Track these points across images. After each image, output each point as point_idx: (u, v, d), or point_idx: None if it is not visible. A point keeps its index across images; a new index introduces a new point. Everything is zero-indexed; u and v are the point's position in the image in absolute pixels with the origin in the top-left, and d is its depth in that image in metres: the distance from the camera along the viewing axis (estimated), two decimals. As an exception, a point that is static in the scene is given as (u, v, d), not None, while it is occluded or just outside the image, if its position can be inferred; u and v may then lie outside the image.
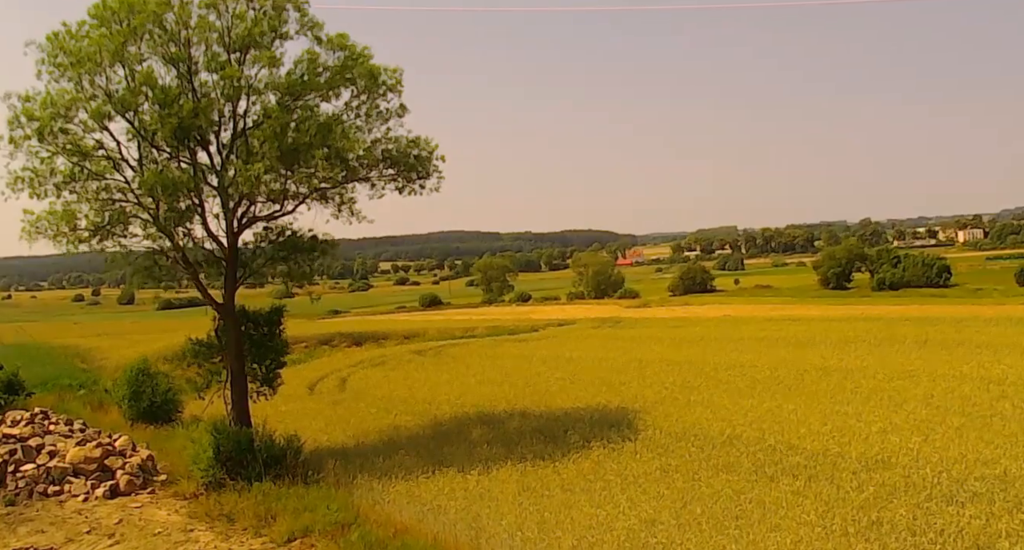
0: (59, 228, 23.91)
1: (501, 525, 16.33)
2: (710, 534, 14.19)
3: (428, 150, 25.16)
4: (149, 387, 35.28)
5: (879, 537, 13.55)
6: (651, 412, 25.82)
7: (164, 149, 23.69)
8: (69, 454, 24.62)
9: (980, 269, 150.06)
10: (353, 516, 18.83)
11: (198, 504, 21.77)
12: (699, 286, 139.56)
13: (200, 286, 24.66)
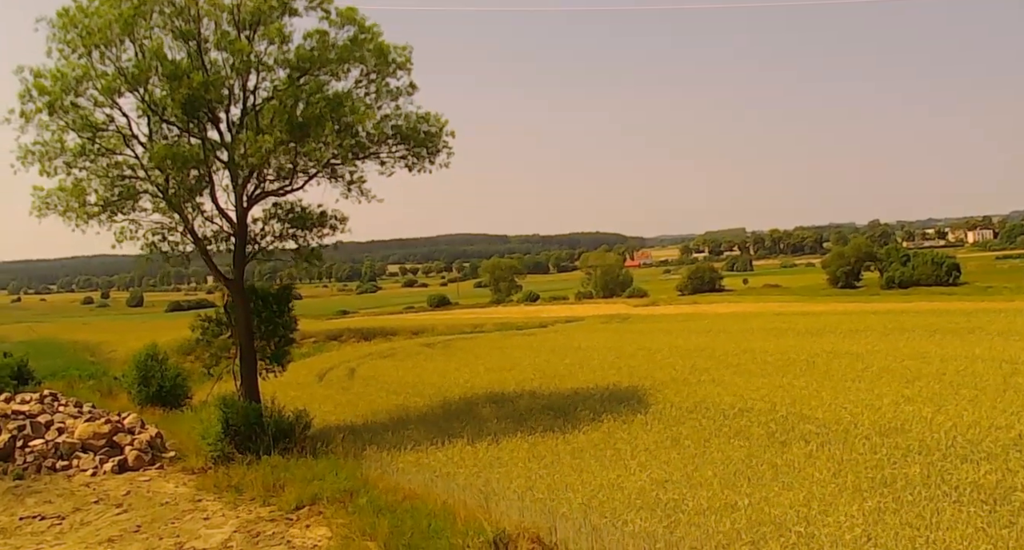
0: (68, 204, 23.90)
1: (511, 488, 16.25)
2: (720, 491, 14.09)
3: (438, 126, 25.12)
4: (158, 372, 35.31)
5: (893, 492, 13.41)
6: (661, 390, 25.70)
7: (174, 124, 23.67)
8: (78, 430, 24.61)
9: (990, 268, 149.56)
10: (361, 484, 18.77)
11: (206, 477, 21.74)
12: (708, 286, 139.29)
13: (209, 261, 24.62)
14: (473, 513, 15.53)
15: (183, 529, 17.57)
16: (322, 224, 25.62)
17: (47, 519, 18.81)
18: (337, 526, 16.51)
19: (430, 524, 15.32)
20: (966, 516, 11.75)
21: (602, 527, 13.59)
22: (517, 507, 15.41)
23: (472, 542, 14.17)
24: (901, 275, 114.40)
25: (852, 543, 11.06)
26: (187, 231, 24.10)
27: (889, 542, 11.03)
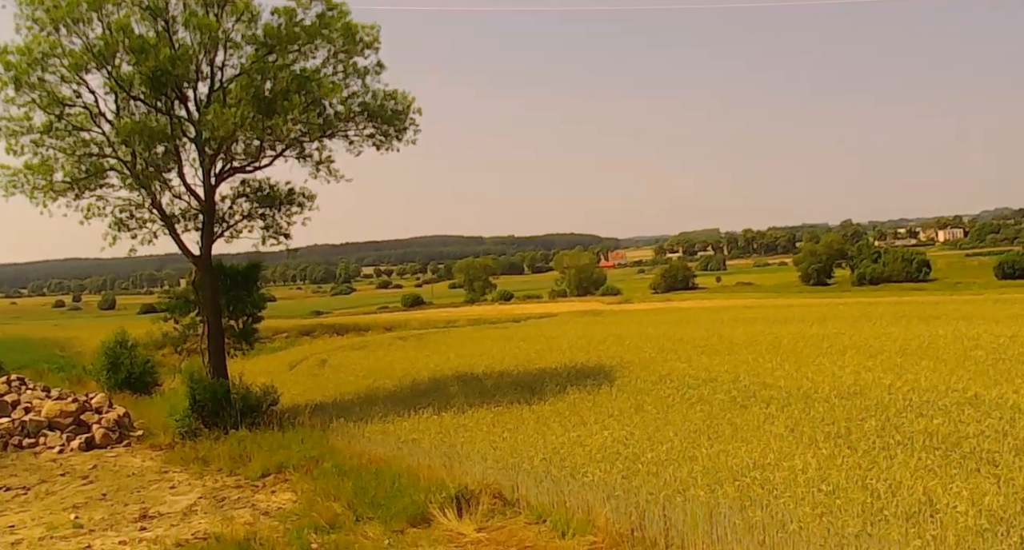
0: (35, 182, 23.81)
1: (474, 450, 16.37)
2: (680, 446, 14.27)
3: (405, 104, 25.23)
4: (127, 358, 35.14)
5: (848, 442, 13.66)
6: (628, 367, 25.90)
7: (141, 100, 23.64)
8: (45, 409, 24.58)
9: (960, 264, 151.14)
10: (327, 451, 18.90)
11: (173, 452, 21.81)
12: (681, 284, 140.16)
13: (177, 238, 24.59)
14: (437, 473, 15.71)
15: (148, 496, 17.60)
16: (290, 202, 25.65)
17: (12, 490, 18.78)
18: (302, 491, 16.59)
19: (394, 484, 15.45)
20: (916, 460, 12.00)
21: (562, 479, 13.75)
22: (480, 467, 15.58)
23: (434, 498, 14.32)
24: (872, 272, 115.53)
25: (805, 484, 11.26)
26: (154, 207, 24.06)
27: (841, 481, 11.24)
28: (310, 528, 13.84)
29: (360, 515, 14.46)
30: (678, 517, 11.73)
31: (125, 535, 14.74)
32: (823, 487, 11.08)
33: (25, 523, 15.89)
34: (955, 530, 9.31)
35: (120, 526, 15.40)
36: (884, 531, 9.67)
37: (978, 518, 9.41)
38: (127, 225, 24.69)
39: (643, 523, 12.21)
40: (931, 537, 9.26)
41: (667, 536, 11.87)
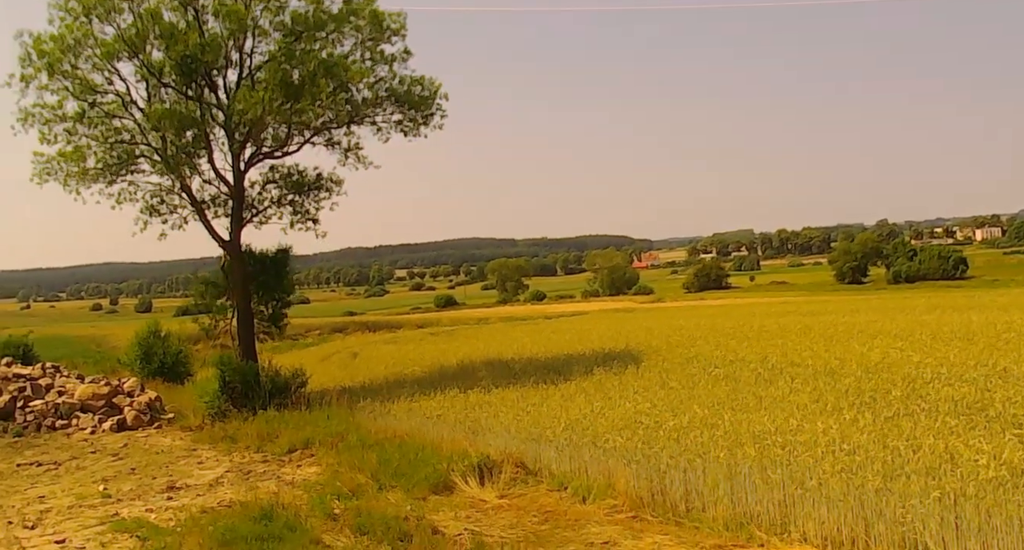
0: (68, 169, 24.18)
1: (498, 424, 16.43)
2: (703, 415, 14.22)
3: (432, 89, 25.36)
4: (160, 348, 35.49)
5: (871, 409, 13.56)
6: (656, 351, 25.87)
7: (172, 86, 23.94)
8: (78, 392, 24.88)
9: (998, 262, 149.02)
10: (353, 427, 19.01)
11: (202, 433, 22.01)
12: (714, 283, 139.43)
13: (207, 223, 24.86)
14: (460, 445, 15.74)
15: (176, 470, 17.81)
16: (318, 187, 25.86)
17: (43, 465, 19.07)
18: (327, 464, 16.72)
19: (417, 455, 15.53)
20: (940, 423, 11.89)
21: (583, 446, 13.76)
22: (503, 439, 15.62)
23: (457, 467, 14.37)
24: (908, 270, 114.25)
25: (826, 444, 11.19)
26: (184, 192, 24.36)
27: (862, 441, 11.16)
28: (333, 495, 13.96)
29: (383, 484, 14.55)
30: (698, 479, 11.71)
31: (152, 504, 14.93)
32: (844, 447, 11.02)
33: (55, 494, 16.14)
34: (976, 482, 9.23)
35: (147, 496, 15.59)
36: (904, 486, 9.61)
37: (999, 470, 9.32)
38: (158, 210, 25.05)
39: (664, 487, 12.20)
40: (950, 489, 9.18)
41: (687, 499, 11.86)
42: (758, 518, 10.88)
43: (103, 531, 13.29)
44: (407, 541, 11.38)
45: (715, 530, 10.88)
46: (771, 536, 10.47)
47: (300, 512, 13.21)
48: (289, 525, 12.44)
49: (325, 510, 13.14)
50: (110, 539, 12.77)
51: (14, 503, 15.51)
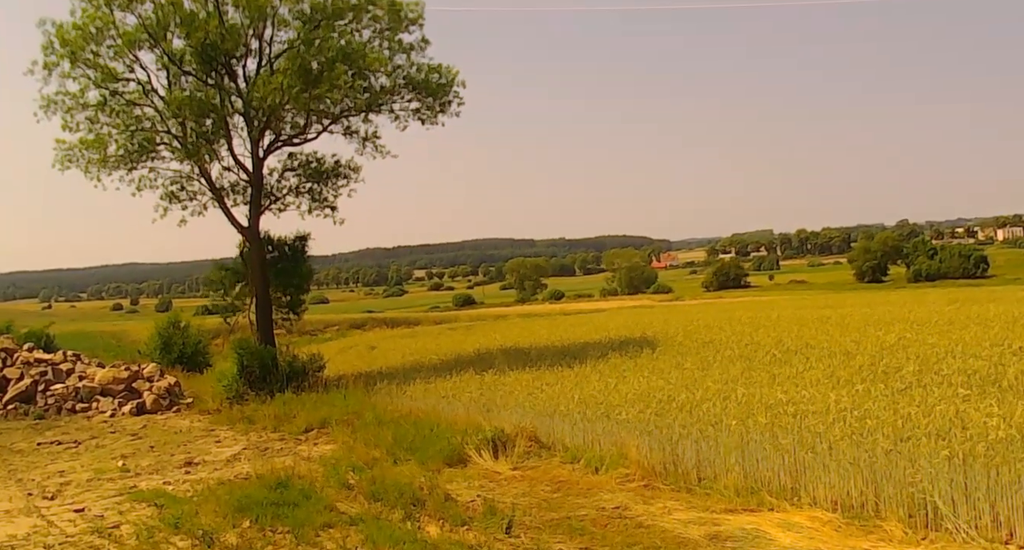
0: (89, 157, 24.44)
1: (513, 400, 16.54)
2: (716, 390, 14.28)
3: (449, 77, 25.49)
4: (180, 339, 35.71)
5: (884, 381, 13.58)
6: (672, 338, 25.89)
7: (192, 73, 24.17)
8: (98, 376, 25.16)
9: (1019, 261, 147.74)
10: (369, 407, 19.14)
11: (220, 415, 22.19)
12: (733, 282, 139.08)
13: (226, 210, 25.09)
14: (475, 420, 15.86)
15: (194, 448, 18.02)
16: (336, 175, 26.05)
17: (64, 444, 19.34)
18: (343, 442, 16.86)
19: (432, 430, 15.65)
20: (952, 393, 11.91)
21: (595, 419, 13.86)
22: (518, 414, 15.75)
23: (471, 440, 14.50)
24: (928, 268, 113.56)
25: (837, 412, 11.24)
26: (204, 178, 24.59)
27: (873, 408, 11.21)
28: (348, 468, 14.08)
29: (398, 458, 14.70)
30: (710, 448, 11.79)
31: (170, 478, 15.14)
32: (855, 414, 11.07)
33: (75, 469, 16.38)
34: (986, 442, 9.27)
35: (165, 471, 15.80)
36: (914, 448, 9.66)
37: (1009, 431, 9.36)
38: (177, 197, 25.32)
39: (676, 457, 12.28)
40: (960, 450, 9.23)
41: (699, 468, 11.94)
42: (769, 484, 10.96)
43: (121, 501, 13.49)
44: (420, 506, 11.50)
45: (726, 496, 10.96)
46: (781, 501, 10.53)
47: (315, 482, 13.37)
48: (304, 493, 12.59)
49: (340, 480, 13.29)
50: (128, 508, 12.96)
51: (35, 476, 15.76)
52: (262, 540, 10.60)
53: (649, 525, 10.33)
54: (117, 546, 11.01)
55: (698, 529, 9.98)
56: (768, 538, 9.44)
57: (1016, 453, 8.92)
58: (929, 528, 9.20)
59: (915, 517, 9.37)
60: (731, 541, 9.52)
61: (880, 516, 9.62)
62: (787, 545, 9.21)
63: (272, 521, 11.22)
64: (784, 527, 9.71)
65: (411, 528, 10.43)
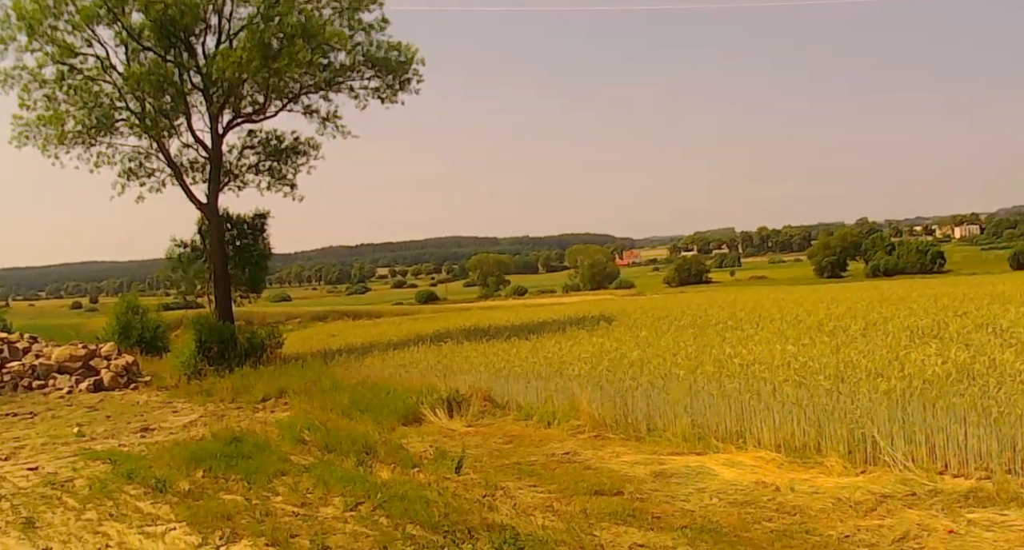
0: (46, 134, 24.27)
1: (470, 364, 16.70)
2: (666, 349, 14.53)
3: (409, 54, 25.59)
4: (139, 324, 35.39)
5: (831, 337, 13.90)
6: (629, 315, 26.19)
7: (151, 49, 24.06)
8: (55, 354, 24.96)
9: (975, 257, 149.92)
10: (327, 376, 19.22)
11: (178, 390, 22.13)
12: (695, 278, 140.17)
13: (184, 186, 25.03)
14: (431, 382, 16.01)
15: (151, 417, 18.01)
16: (296, 152, 26.05)
17: (19, 415, 19.21)
18: (300, 407, 16.91)
19: (388, 393, 15.77)
20: (893, 341, 12.24)
21: (549, 377, 14.06)
22: (473, 376, 15.91)
23: (426, 400, 14.64)
24: (886, 264, 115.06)
25: (782, 359, 11.53)
26: (162, 153, 24.50)
27: (816, 355, 11.50)
28: (304, 427, 14.17)
29: (353, 418, 14.78)
30: (659, 397, 12.02)
31: (125, 441, 15.12)
32: (799, 360, 11.35)
33: (29, 436, 16.30)
34: (923, 378, 9.57)
35: (121, 436, 15.78)
36: (854, 387, 9.95)
37: (946, 366, 9.67)
38: (136, 174, 25.21)
39: (627, 410, 12.50)
40: (897, 385, 9.52)
41: (649, 420, 12.17)
42: (716, 430, 11.21)
43: (75, 460, 13.48)
44: (372, 454, 11.65)
45: (674, 442, 11.19)
46: (727, 444, 10.78)
47: (270, 439, 13.46)
48: (259, 446, 12.69)
49: (294, 437, 13.38)
50: (82, 465, 12.96)
51: (-11, 442, 15.69)
52: (215, 486, 10.69)
53: (597, 467, 10.55)
54: (70, 496, 11.04)
55: (644, 469, 10.21)
56: (712, 473, 9.69)
57: (952, 386, 9.21)
58: (868, 463, 9.48)
59: (855, 453, 9.65)
60: (675, 477, 9.76)
61: (822, 454, 9.89)
62: (729, 479, 9.45)
63: (225, 470, 11.31)
64: (728, 465, 9.96)
65: (363, 472, 10.57)
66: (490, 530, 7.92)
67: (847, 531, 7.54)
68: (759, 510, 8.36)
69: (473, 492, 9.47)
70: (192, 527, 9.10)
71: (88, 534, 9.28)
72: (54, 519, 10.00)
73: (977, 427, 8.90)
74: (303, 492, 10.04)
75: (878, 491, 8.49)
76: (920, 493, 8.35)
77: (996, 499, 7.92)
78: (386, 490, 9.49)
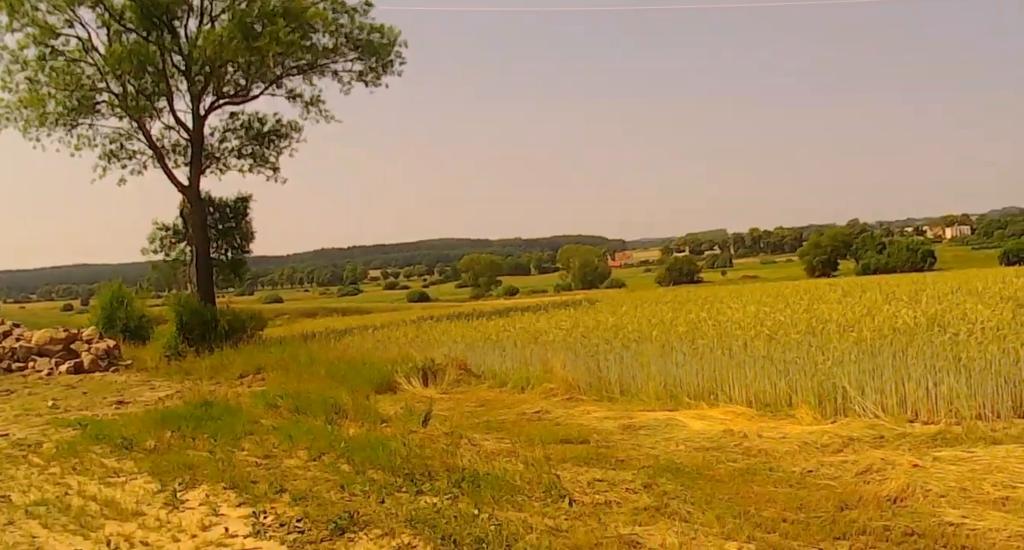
0: (27, 116, 24.14)
1: (448, 337, 16.65)
2: (642, 317, 14.47)
3: (391, 37, 25.51)
4: (123, 313, 35.19)
5: (808, 301, 13.85)
6: (613, 299, 26.17)
7: (133, 30, 23.93)
8: (35, 337, 24.79)
9: (966, 256, 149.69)
10: (305, 352, 19.12)
11: (157, 371, 22.00)
12: (686, 278, 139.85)
13: (166, 169, 24.89)
14: (406, 353, 15.93)
15: (127, 393, 17.86)
16: (278, 134, 25.95)
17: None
18: (277, 382, 16.79)
19: (364, 364, 15.68)
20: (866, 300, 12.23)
21: (524, 343, 14.00)
22: (449, 346, 15.83)
23: (401, 369, 14.54)
24: (877, 263, 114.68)
25: (754, 318, 11.48)
26: (143, 134, 24.38)
27: (788, 315, 11.46)
28: (276, 395, 14.05)
29: (328, 388, 14.66)
30: (632, 359, 11.96)
31: (99, 412, 14.99)
32: (773, 318, 11.31)
33: (3, 410, 16.15)
34: (892, 326, 9.55)
35: (95, 408, 15.65)
36: (824, 339, 9.89)
37: (915, 319, 9.65)
38: (117, 156, 25.07)
39: (600, 372, 12.43)
40: (867, 334, 9.48)
41: (621, 382, 12.10)
42: (688, 389, 11.14)
43: (46, 428, 13.36)
44: (342, 414, 11.54)
45: (646, 402, 11.12)
46: (699, 402, 10.71)
47: (242, 404, 13.36)
48: (229, 410, 12.59)
49: (267, 402, 13.27)
50: (52, 432, 12.84)
51: (-38, 415, 15.54)
52: (181, 444, 10.56)
53: (566, 423, 10.47)
54: (37, 456, 10.94)
55: (613, 423, 10.13)
56: (681, 425, 9.61)
57: (923, 334, 9.16)
58: (838, 414, 9.41)
59: (825, 404, 9.59)
60: (644, 429, 9.67)
61: (792, 407, 9.83)
62: (698, 429, 9.37)
63: (193, 431, 11.18)
64: (699, 419, 9.88)
65: (331, 429, 10.46)
66: (450, 472, 7.83)
67: (810, 467, 7.47)
68: (725, 453, 8.28)
69: (438, 443, 9.36)
70: (153, 477, 9.00)
71: (49, 485, 9.17)
72: (17, 473, 9.89)
73: (947, 374, 8.83)
74: (269, 447, 9.94)
75: (846, 435, 8.42)
76: (888, 437, 8.28)
77: (964, 439, 7.86)
78: (351, 442, 9.39)
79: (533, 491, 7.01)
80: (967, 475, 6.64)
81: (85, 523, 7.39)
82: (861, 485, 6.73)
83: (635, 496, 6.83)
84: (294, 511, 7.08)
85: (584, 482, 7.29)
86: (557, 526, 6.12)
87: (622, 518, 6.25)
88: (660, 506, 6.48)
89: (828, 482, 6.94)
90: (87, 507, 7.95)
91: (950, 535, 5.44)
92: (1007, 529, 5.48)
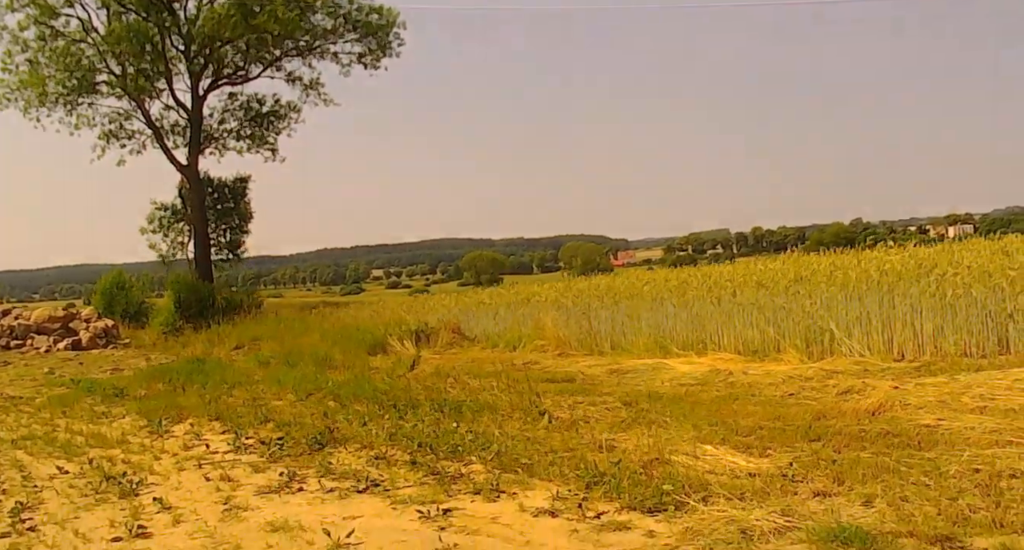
0: (28, 97, 24.17)
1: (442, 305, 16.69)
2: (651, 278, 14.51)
3: (390, 18, 25.51)
4: (123, 299, 35.22)
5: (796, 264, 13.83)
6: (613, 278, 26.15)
7: (132, 10, 23.94)
8: (34, 315, 24.82)
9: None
10: (300, 321, 19.18)
11: (155, 347, 22.02)
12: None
13: (165, 148, 24.92)
14: (400, 316, 15.98)
15: (124, 363, 17.89)
16: (276, 115, 25.95)
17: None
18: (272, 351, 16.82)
19: (358, 329, 15.72)
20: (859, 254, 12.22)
21: (516, 304, 14.07)
22: (443, 312, 15.88)
23: (394, 331, 14.57)
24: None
25: (745, 275, 11.51)
26: (141, 112, 24.41)
27: (777, 269, 11.49)
28: (270, 356, 14.11)
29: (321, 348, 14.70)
30: (622, 314, 11.99)
31: (94, 376, 15.04)
32: (760, 271, 11.36)
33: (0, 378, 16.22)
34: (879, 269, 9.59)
35: (91, 374, 15.69)
36: (812, 286, 9.92)
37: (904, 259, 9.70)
38: (116, 136, 25.10)
39: (591, 328, 12.46)
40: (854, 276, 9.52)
41: (612, 336, 12.13)
42: (677, 339, 11.17)
43: (40, 387, 13.43)
44: (331, 366, 11.59)
45: (635, 354, 11.14)
46: (688, 351, 10.74)
47: (235, 363, 13.41)
48: (221, 365, 12.65)
49: (259, 359, 13.33)
50: (46, 390, 12.91)
51: (-42, 381, 15.59)
52: (172, 393, 10.59)
53: (555, 370, 10.50)
54: (28, 406, 11.00)
55: (601, 369, 10.16)
56: (668, 368, 9.63)
57: (910, 274, 9.19)
58: (825, 355, 9.42)
59: (812, 347, 9.62)
60: (631, 373, 9.70)
61: (780, 352, 9.85)
62: (685, 371, 9.39)
63: (185, 382, 11.23)
64: (687, 364, 9.90)
65: (320, 375, 10.50)
66: (433, 401, 7.86)
67: (792, 391, 7.49)
68: (708, 386, 8.32)
69: (425, 382, 9.41)
70: (140, 415, 9.04)
71: (38, 425, 9.21)
72: (7, 419, 9.95)
73: (933, 313, 8.85)
74: (258, 392, 9.97)
75: (830, 369, 8.45)
76: (872, 370, 8.30)
77: (947, 370, 7.86)
78: (339, 384, 9.42)
79: (513, 412, 7.04)
80: (946, 392, 6.66)
81: (70, 451, 7.42)
82: (841, 402, 6.77)
83: (613, 413, 6.86)
84: (276, 435, 7.10)
85: (565, 405, 7.32)
86: (535, 436, 6.14)
87: (599, 428, 6.27)
88: (638, 418, 6.50)
89: (809, 402, 6.98)
90: (73, 439, 8.00)
91: (925, 434, 5.46)
92: (982, 427, 5.50)
